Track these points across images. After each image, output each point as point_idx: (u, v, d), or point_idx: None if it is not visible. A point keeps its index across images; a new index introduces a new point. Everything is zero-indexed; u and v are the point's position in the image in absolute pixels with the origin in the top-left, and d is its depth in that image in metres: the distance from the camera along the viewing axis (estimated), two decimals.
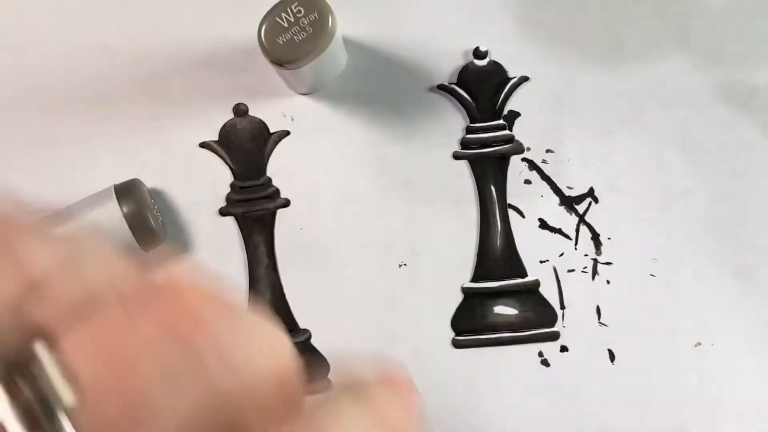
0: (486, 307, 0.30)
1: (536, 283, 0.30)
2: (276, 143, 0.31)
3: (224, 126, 0.31)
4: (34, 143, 0.31)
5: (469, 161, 0.31)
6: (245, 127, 0.31)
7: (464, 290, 0.30)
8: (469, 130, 0.31)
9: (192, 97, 0.31)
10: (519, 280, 0.30)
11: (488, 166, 0.31)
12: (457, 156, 0.31)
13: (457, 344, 0.30)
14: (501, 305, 0.30)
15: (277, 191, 0.31)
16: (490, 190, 0.31)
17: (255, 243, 0.30)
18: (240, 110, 0.31)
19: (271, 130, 0.31)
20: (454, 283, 0.30)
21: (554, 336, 0.30)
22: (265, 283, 0.30)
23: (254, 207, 0.31)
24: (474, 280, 0.30)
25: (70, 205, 0.29)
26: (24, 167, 0.31)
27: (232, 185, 0.31)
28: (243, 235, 0.31)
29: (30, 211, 0.16)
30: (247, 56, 0.31)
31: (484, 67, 0.31)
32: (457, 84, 0.31)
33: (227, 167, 0.31)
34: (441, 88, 0.31)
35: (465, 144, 0.31)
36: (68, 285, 0.14)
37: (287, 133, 0.31)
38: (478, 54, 0.31)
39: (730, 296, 0.30)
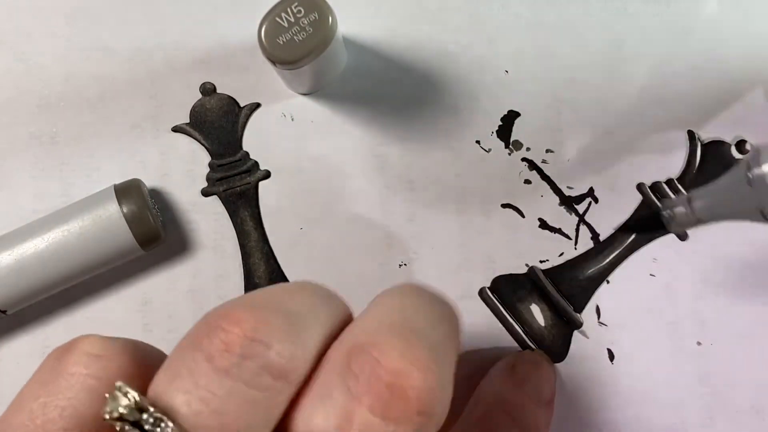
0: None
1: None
2: (248, 116, 0.31)
3: (193, 107, 0.31)
4: (34, 143, 0.31)
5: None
6: (214, 105, 0.31)
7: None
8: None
9: (192, 97, 0.31)
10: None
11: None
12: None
13: None
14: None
15: (255, 164, 0.31)
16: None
17: (242, 218, 0.31)
18: (207, 89, 0.31)
19: (241, 105, 0.31)
20: (454, 283, 0.30)
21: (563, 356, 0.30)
22: (258, 255, 0.30)
23: (235, 183, 0.31)
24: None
25: (70, 205, 0.29)
26: (24, 167, 0.31)
27: (210, 164, 0.31)
28: (228, 213, 0.31)
29: None
30: (247, 56, 0.31)
31: None
32: None
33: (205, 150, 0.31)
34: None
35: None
36: None
37: (258, 105, 0.31)
38: None
39: (729, 296, 0.30)
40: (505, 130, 0.31)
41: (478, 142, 0.31)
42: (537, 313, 0.30)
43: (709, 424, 0.29)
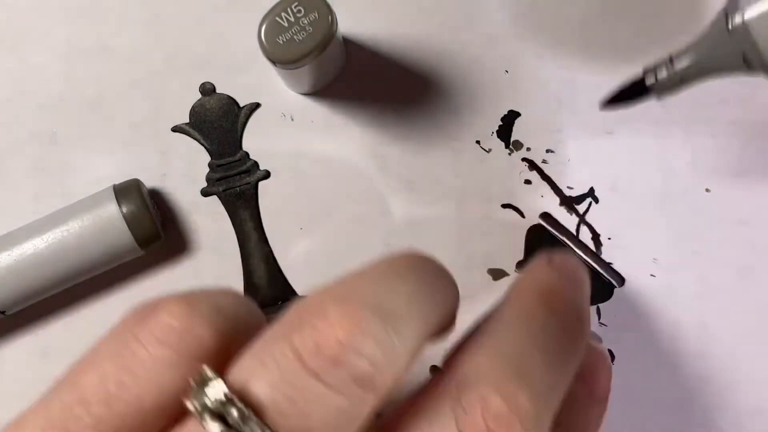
0: None
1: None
2: (248, 116, 0.31)
3: (193, 107, 0.31)
4: (34, 143, 0.31)
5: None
6: (214, 105, 0.31)
7: None
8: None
9: (192, 97, 0.31)
10: None
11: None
12: None
13: None
14: None
15: (255, 164, 0.31)
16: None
17: (241, 218, 0.31)
18: (207, 89, 0.31)
19: (241, 105, 0.31)
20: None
21: None
22: (258, 256, 0.30)
23: (234, 183, 0.31)
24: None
25: (70, 205, 0.29)
26: (24, 167, 0.31)
27: (210, 164, 0.31)
28: (228, 212, 0.31)
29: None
30: (247, 56, 0.31)
31: None
32: None
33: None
34: None
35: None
36: None
37: (258, 105, 0.31)
38: None
39: (730, 296, 0.30)
40: (505, 130, 0.31)
41: (478, 142, 0.31)
42: None
43: (710, 425, 0.29)
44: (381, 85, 0.31)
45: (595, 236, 0.30)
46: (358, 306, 0.16)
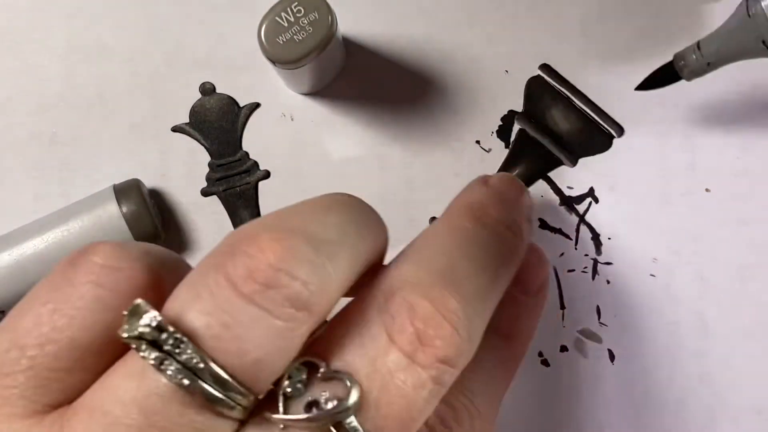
0: None
1: None
2: (248, 116, 0.31)
3: (193, 107, 0.31)
4: (34, 143, 0.31)
5: None
6: (214, 105, 0.31)
7: None
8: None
9: (192, 97, 0.31)
10: None
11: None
12: None
13: None
14: None
15: (255, 164, 0.31)
16: None
17: (241, 218, 0.31)
18: (206, 89, 0.31)
19: (241, 105, 0.31)
20: None
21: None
22: None
23: (234, 183, 0.31)
24: None
25: (70, 205, 0.29)
26: (24, 167, 0.31)
27: (209, 164, 0.31)
28: (228, 212, 0.31)
29: None
30: (247, 56, 0.31)
31: None
32: None
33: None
34: None
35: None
36: None
37: (257, 105, 0.31)
38: None
39: (730, 296, 0.30)
40: (505, 130, 0.31)
41: (478, 142, 0.31)
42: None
43: (710, 425, 0.29)
44: (381, 85, 0.31)
45: (595, 236, 0.30)
46: (290, 233, 0.16)
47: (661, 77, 0.28)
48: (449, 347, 0.17)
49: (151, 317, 0.15)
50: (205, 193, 0.31)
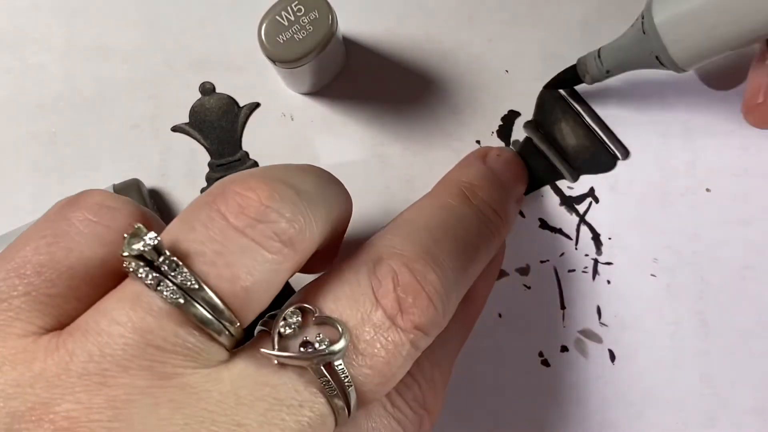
0: None
1: None
2: (248, 116, 0.31)
3: (193, 107, 0.31)
4: (34, 143, 0.31)
5: None
6: (214, 104, 0.31)
7: None
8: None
9: (191, 97, 0.31)
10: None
11: None
12: None
13: None
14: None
15: (255, 164, 0.31)
16: None
17: None
18: (206, 89, 0.31)
19: (241, 104, 0.31)
20: None
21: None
22: None
23: None
24: None
25: None
26: (24, 167, 0.31)
27: (209, 164, 0.31)
28: None
29: None
30: (247, 56, 0.31)
31: None
32: None
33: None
34: None
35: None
36: None
37: (257, 105, 0.31)
38: None
39: (730, 296, 0.30)
40: (505, 130, 0.31)
41: (478, 142, 0.31)
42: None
43: (710, 425, 0.29)
44: (381, 85, 0.31)
45: (595, 236, 0.30)
46: (277, 179, 0.18)
47: (565, 79, 0.29)
48: (424, 316, 0.19)
49: (150, 237, 0.16)
50: None
